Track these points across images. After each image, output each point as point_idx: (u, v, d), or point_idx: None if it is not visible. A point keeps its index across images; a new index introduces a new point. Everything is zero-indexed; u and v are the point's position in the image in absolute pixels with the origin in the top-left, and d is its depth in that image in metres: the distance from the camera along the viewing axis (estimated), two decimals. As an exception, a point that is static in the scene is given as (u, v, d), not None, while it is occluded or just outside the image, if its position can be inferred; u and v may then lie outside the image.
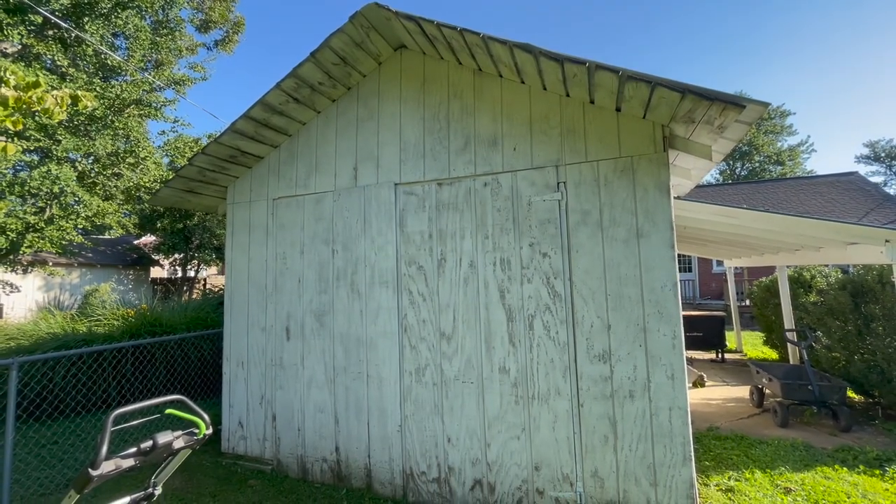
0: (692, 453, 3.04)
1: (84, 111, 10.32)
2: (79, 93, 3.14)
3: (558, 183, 3.51)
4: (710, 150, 3.23)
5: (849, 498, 3.69)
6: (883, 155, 36.68)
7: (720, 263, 17.88)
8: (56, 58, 11.01)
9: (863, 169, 37.63)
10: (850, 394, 6.35)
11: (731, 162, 35.34)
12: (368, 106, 4.33)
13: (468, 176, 3.83)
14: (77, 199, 11.26)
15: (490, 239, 3.70)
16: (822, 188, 17.82)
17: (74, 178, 10.99)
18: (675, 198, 4.69)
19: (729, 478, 4.07)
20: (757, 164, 34.71)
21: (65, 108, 3.07)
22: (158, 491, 2.11)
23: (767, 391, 6.09)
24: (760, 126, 33.87)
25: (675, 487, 3.04)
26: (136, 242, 21.92)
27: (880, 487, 3.87)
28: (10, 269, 12.12)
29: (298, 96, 4.20)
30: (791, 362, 7.58)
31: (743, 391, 6.94)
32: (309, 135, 4.59)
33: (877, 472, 4.15)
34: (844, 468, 4.21)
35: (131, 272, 19.84)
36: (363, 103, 4.36)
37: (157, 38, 13.08)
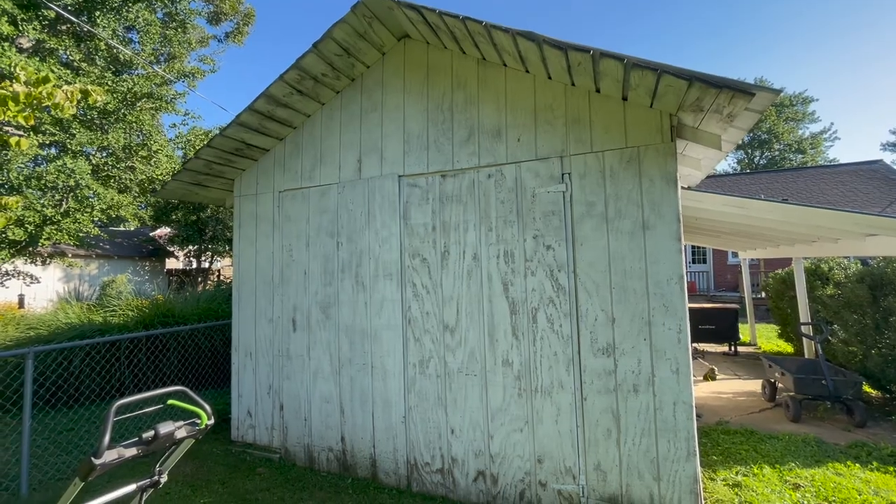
0: (696, 448, 3.00)
1: (95, 105, 10.47)
2: (89, 87, 3.17)
3: (563, 174, 3.45)
4: (719, 140, 3.14)
5: (860, 495, 3.61)
6: (910, 142, 35.31)
7: (735, 255, 17.53)
8: (69, 52, 11.16)
9: (888, 157, 36.36)
10: (867, 389, 6.21)
11: (749, 150, 34.45)
12: (372, 97, 4.30)
13: (472, 167, 3.79)
14: (92, 192, 11.47)
15: (493, 231, 3.66)
16: (844, 177, 17.27)
17: (89, 172, 11.19)
18: (685, 188, 4.58)
19: (737, 473, 4.02)
20: (777, 153, 33.75)
21: (74, 102, 3.11)
22: (164, 479, 2.17)
23: (780, 385, 5.98)
24: (781, 113, 32.87)
25: (679, 482, 3.01)
26: (151, 234, 22.36)
27: (894, 485, 3.78)
28: (30, 260, 12.46)
29: (302, 88, 4.19)
30: (807, 356, 7.42)
31: (755, 385, 6.83)
32: (313, 127, 4.58)
33: (891, 468, 4.05)
34: (857, 464, 4.13)
35: (147, 263, 20.26)
36: (367, 95, 4.33)
37: (168, 32, 13.15)
